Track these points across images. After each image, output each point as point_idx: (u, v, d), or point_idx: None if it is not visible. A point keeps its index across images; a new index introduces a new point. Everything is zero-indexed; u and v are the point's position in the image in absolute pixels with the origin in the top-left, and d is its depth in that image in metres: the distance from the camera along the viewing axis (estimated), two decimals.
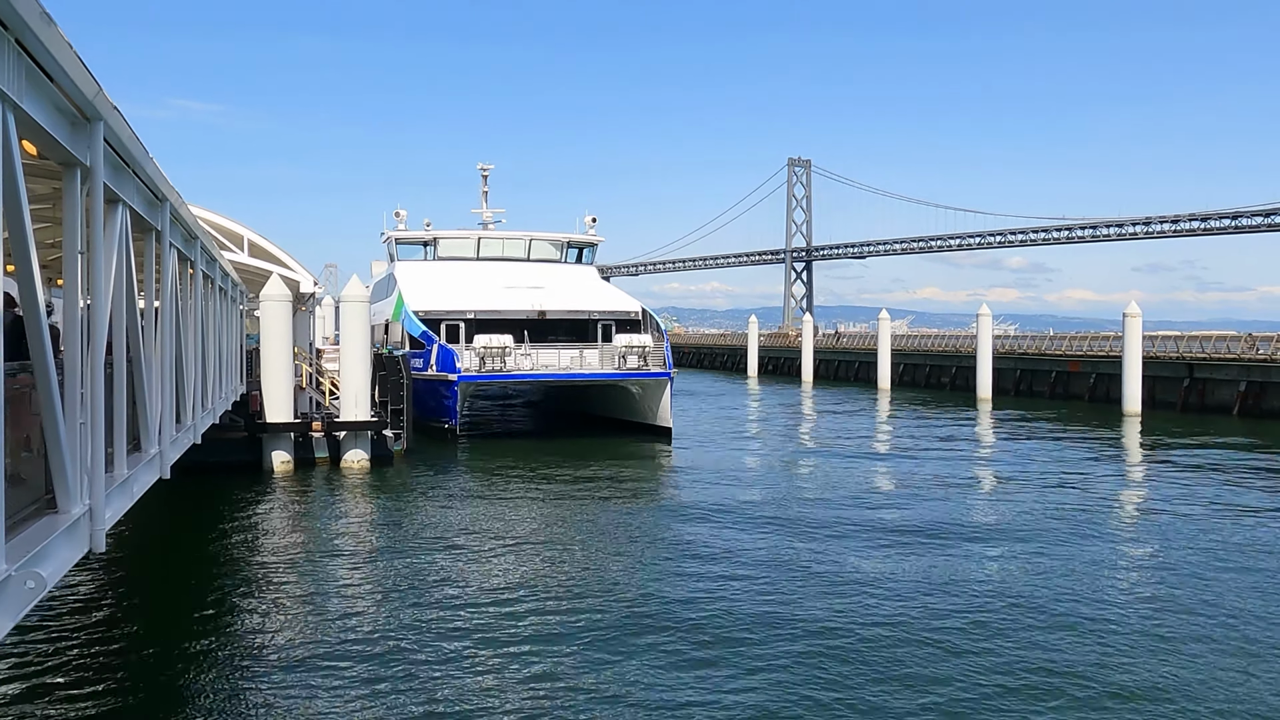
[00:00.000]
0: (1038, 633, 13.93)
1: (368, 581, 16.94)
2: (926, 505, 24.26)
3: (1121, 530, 21.63)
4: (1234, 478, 28.86)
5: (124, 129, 8.58)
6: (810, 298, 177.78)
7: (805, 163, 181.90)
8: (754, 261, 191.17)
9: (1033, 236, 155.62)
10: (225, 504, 24.15)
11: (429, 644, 13.39)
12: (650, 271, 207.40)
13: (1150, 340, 55.55)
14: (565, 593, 16.06)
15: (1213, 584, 16.68)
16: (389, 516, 23.06)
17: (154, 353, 11.65)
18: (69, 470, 7.34)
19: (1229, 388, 50.04)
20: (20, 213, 6.12)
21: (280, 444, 29.86)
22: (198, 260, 16.04)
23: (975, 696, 11.56)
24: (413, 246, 49.31)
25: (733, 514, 23.17)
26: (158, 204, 11.69)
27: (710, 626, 14.17)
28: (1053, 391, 61.01)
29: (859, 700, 11.45)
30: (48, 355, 6.71)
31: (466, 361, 37.39)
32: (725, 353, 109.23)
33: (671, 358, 39.50)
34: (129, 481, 10.23)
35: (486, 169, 55.90)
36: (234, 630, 14.12)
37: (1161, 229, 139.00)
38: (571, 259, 49.82)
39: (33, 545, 6.48)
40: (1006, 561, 18.30)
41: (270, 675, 12.20)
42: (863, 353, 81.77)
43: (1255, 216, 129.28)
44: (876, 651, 13.10)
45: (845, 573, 17.39)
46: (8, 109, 5.79)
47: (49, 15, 5.94)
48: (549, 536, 20.68)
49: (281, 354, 30.29)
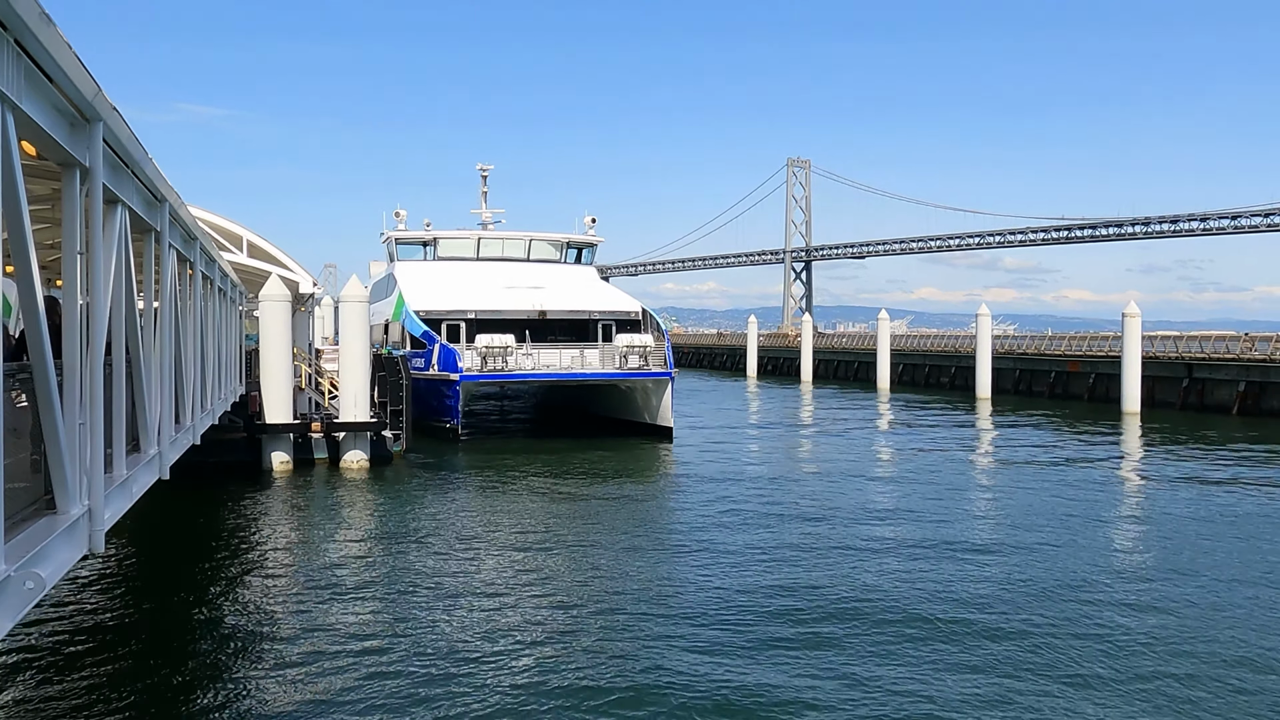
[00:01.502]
0: (1037, 634, 13.94)
1: (366, 582, 16.93)
2: (926, 505, 24.25)
3: (1121, 530, 21.63)
4: (1234, 477, 28.86)
5: (123, 129, 8.58)
6: (810, 298, 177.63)
7: (805, 163, 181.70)
8: (753, 262, 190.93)
9: (1032, 237, 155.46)
10: (224, 505, 24.14)
11: (429, 643, 13.38)
12: (649, 272, 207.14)
13: (1149, 340, 55.59)
14: (565, 592, 16.06)
15: (1214, 583, 16.69)
16: (388, 517, 23.05)
17: (153, 353, 11.64)
18: (68, 471, 7.33)
19: (1228, 387, 50.06)
20: (19, 213, 6.11)
21: (279, 445, 29.85)
22: (197, 261, 16.03)
23: (961, 696, 11.56)
24: (412, 246, 49.31)
25: (733, 513, 23.16)
26: (157, 204, 11.69)
27: (711, 625, 14.16)
28: (1052, 391, 61.02)
29: (858, 687, 11.46)
30: (47, 356, 6.71)
31: (468, 361, 37.39)
32: (725, 353, 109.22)
33: (672, 357, 39.52)
34: (128, 482, 10.22)
35: (486, 169, 55.93)
36: (233, 630, 14.11)
37: (1160, 229, 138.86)
38: (571, 259, 49.83)
39: (32, 546, 6.48)
40: (1005, 559, 18.29)
41: (270, 675, 12.19)
42: (862, 353, 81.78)
43: (1254, 217, 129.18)
44: (874, 647, 13.11)
45: (845, 572, 17.39)
46: (7, 109, 5.79)
47: (48, 16, 5.94)
48: (549, 537, 20.67)
49: (280, 355, 30.29)
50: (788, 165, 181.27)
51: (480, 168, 55.72)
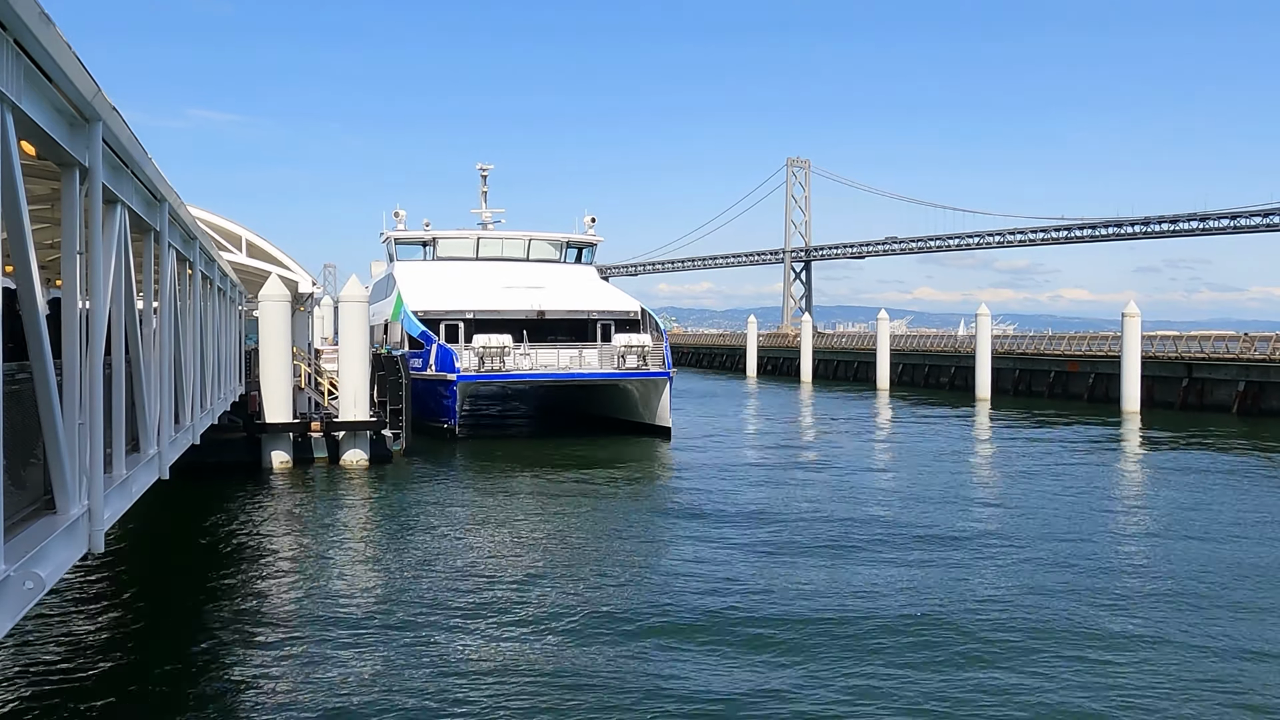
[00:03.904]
0: (1037, 634, 13.95)
1: (366, 581, 16.94)
2: (926, 504, 24.25)
3: (1121, 532, 21.63)
4: (1234, 476, 28.88)
5: (122, 129, 8.58)
6: (809, 298, 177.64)
7: (804, 163, 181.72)
8: (753, 262, 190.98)
9: (1031, 237, 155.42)
10: (224, 504, 24.15)
11: (428, 642, 13.39)
12: (649, 271, 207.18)
13: (1149, 340, 55.58)
14: (565, 592, 16.06)
15: (1215, 582, 16.70)
16: (388, 516, 23.06)
17: (153, 353, 11.64)
18: (68, 471, 7.33)
19: (1228, 387, 50.09)
20: (19, 213, 6.12)
21: (279, 444, 29.85)
22: (196, 261, 16.03)
23: (949, 698, 11.57)
24: (412, 246, 49.32)
25: (732, 513, 23.17)
26: (156, 204, 11.69)
27: (710, 623, 14.17)
28: (1052, 391, 61.03)
29: (854, 685, 11.46)
30: (46, 356, 6.70)
31: (465, 361, 37.39)
32: (724, 353, 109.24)
33: (670, 357, 39.53)
34: (128, 482, 10.23)
35: (486, 169, 55.93)
36: (233, 630, 14.10)
37: (1160, 229, 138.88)
38: (571, 259, 49.83)
39: (31, 545, 6.48)
40: (1003, 556, 18.30)
41: (270, 675, 12.19)
42: (862, 353, 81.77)
43: (1254, 216, 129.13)
44: (872, 643, 13.12)
45: (844, 571, 17.39)
46: (6, 109, 5.79)
47: (47, 16, 5.94)
48: (547, 536, 20.69)
49: (280, 354, 30.29)
50: (787, 165, 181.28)
51: (480, 167, 55.76)
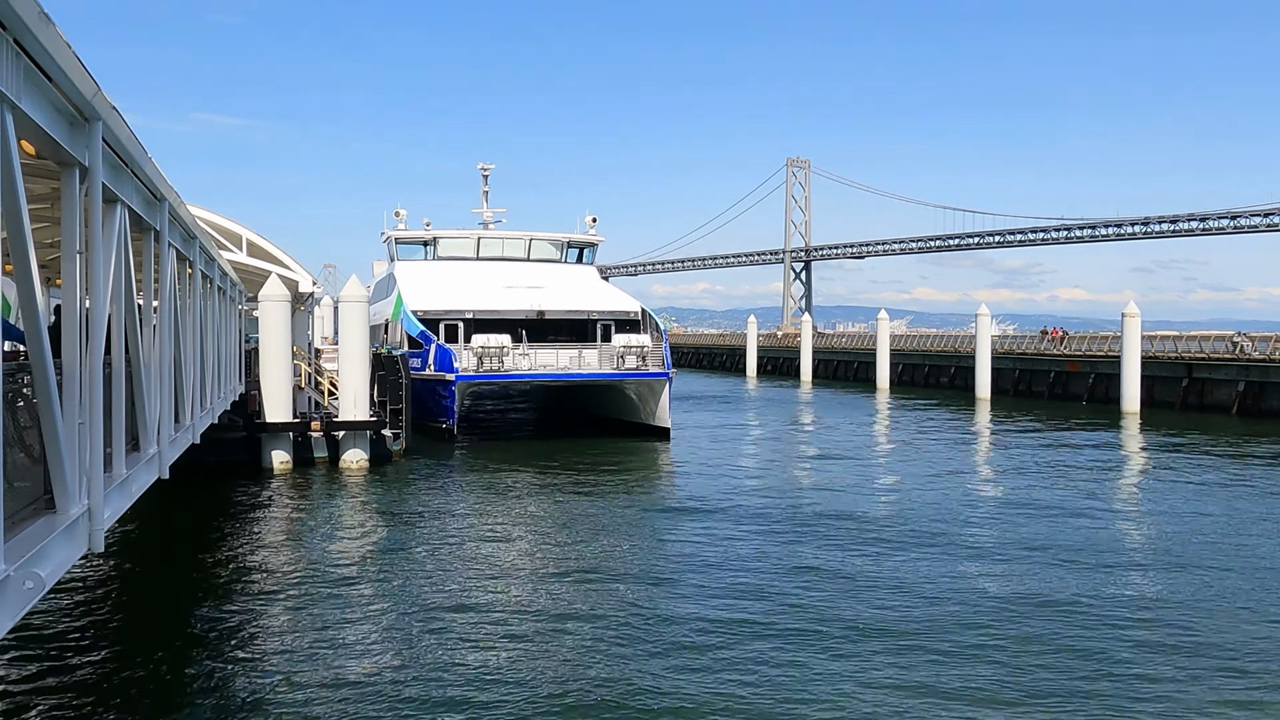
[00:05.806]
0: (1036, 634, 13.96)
1: (366, 581, 16.94)
2: (925, 504, 24.24)
3: (1121, 531, 21.63)
4: (1234, 475, 28.87)
5: (122, 129, 8.57)
6: (809, 298, 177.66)
7: (804, 163, 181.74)
8: (753, 262, 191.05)
9: (1031, 236, 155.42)
10: (224, 504, 24.14)
11: (428, 642, 13.40)
12: (649, 271, 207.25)
13: (1149, 340, 55.58)
14: (565, 592, 16.07)
15: (1216, 583, 16.70)
16: (388, 516, 23.05)
17: (153, 352, 11.64)
18: (68, 470, 7.33)
19: (1227, 387, 50.10)
20: (19, 213, 6.12)
21: (279, 444, 29.84)
22: (196, 260, 16.03)
23: (951, 691, 11.57)
24: (412, 246, 49.28)
25: (731, 513, 23.16)
26: (156, 204, 11.69)
27: (709, 622, 14.17)
28: (1051, 391, 61.02)
29: (854, 686, 11.47)
30: (46, 355, 6.70)
31: (464, 361, 37.37)
32: (724, 353, 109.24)
33: (670, 358, 39.51)
34: (128, 481, 10.23)
35: (487, 169, 55.88)
36: (233, 630, 14.10)
37: (1160, 229, 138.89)
38: (571, 259, 49.80)
39: (31, 545, 6.48)
40: (1004, 556, 18.31)
41: (270, 674, 12.19)
42: (862, 353, 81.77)
43: (1254, 216, 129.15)
44: (870, 642, 13.12)
45: (844, 571, 17.40)
46: (6, 109, 5.79)
47: (47, 15, 5.94)
48: (547, 536, 20.69)
49: (280, 354, 30.29)
50: (787, 165, 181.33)
51: (481, 167, 55.71)
